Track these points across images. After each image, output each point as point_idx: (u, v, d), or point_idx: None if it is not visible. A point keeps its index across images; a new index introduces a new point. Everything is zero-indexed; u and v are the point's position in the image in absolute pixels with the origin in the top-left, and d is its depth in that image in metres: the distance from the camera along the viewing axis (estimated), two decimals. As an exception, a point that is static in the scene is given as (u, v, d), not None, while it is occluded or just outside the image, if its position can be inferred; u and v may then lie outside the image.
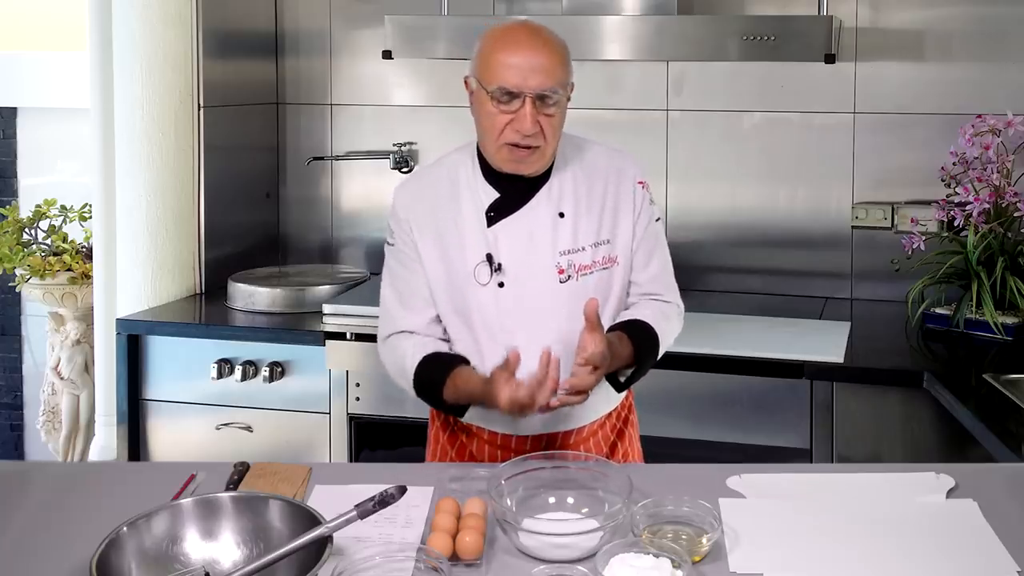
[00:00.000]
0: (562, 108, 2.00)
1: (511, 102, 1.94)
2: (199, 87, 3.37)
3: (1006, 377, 2.56)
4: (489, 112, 1.97)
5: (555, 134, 2.00)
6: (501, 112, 1.96)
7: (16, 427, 4.30)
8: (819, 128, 3.38)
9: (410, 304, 2.08)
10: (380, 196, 3.60)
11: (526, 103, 1.94)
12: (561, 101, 1.98)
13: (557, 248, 2.04)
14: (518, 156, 1.99)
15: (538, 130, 1.96)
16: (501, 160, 2.01)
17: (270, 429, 3.09)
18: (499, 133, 1.97)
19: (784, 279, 3.42)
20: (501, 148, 1.99)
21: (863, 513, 1.75)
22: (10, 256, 3.78)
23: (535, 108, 1.94)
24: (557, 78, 1.96)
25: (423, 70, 3.62)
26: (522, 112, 1.94)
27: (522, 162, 2.00)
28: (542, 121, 1.96)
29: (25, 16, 4.21)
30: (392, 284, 2.12)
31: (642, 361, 2.05)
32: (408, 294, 2.09)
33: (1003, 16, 3.23)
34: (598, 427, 2.15)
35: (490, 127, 1.98)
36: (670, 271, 2.18)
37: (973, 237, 2.97)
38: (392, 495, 1.55)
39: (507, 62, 1.94)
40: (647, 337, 2.05)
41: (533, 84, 1.93)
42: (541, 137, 1.97)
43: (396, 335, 2.09)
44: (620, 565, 1.52)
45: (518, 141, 1.96)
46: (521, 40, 1.97)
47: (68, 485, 1.92)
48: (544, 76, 1.94)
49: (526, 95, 1.93)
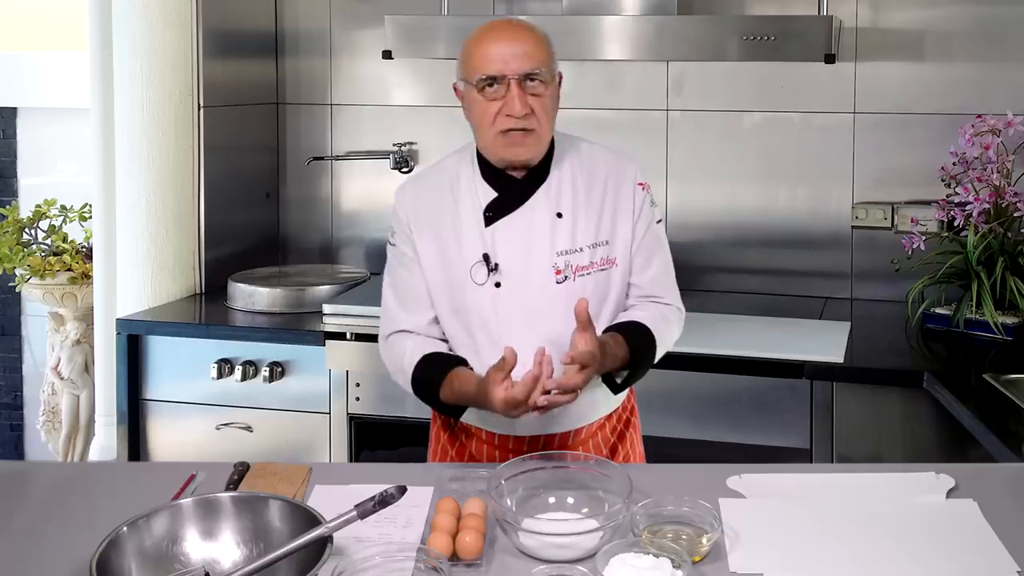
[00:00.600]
0: (551, 91, 2.01)
1: (497, 88, 1.97)
2: (199, 87, 3.37)
3: (1006, 377, 2.56)
4: (479, 105, 1.99)
5: (548, 116, 2.01)
6: (489, 100, 1.98)
7: (16, 427, 4.30)
8: (819, 128, 3.38)
9: (409, 305, 2.09)
10: (380, 196, 3.61)
11: (512, 86, 1.96)
12: (548, 82, 1.99)
13: (554, 248, 2.04)
14: (514, 140, 2.00)
15: (529, 111, 1.97)
16: (499, 147, 2.01)
17: (270, 429, 3.09)
18: (492, 122, 1.98)
19: (784, 279, 3.42)
20: (496, 137, 2.00)
21: (863, 513, 1.75)
22: (10, 256, 3.78)
23: (522, 89, 1.96)
24: (539, 59, 1.98)
25: (423, 70, 3.62)
26: (510, 95, 1.96)
27: (519, 145, 2.00)
28: (532, 102, 1.97)
29: (25, 16, 4.21)
30: (392, 284, 2.12)
31: (638, 363, 2.04)
32: (407, 295, 2.09)
33: (1003, 16, 3.23)
34: (597, 429, 2.15)
35: (482, 119, 2.00)
36: (671, 273, 2.18)
37: (973, 237, 2.97)
38: (392, 495, 1.55)
39: (486, 53, 1.98)
40: (644, 339, 2.04)
41: (515, 66, 1.96)
42: (534, 119, 1.98)
43: (396, 334, 2.09)
44: (620, 565, 1.52)
45: (511, 125, 1.98)
46: (497, 30, 2.01)
47: (68, 485, 1.92)
48: (525, 58, 1.97)
49: (510, 78, 1.96)
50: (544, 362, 1.85)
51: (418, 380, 2.04)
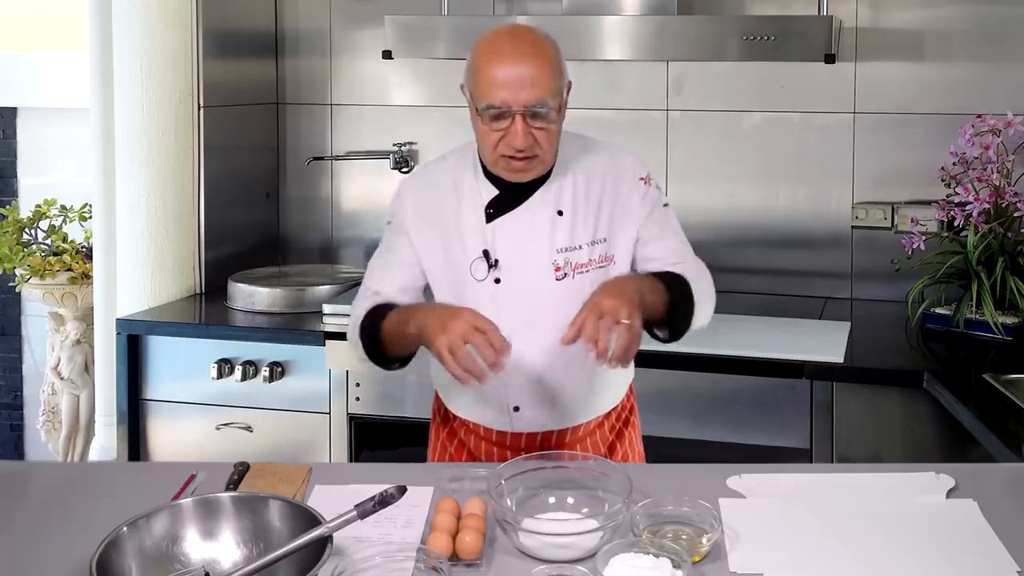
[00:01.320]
0: (557, 116, 1.98)
1: (501, 119, 1.93)
2: (199, 87, 3.37)
3: (1006, 377, 2.56)
4: (482, 127, 1.97)
5: (551, 141, 1.99)
6: (493, 130, 1.95)
7: (16, 427, 4.30)
8: (819, 128, 3.38)
9: (377, 275, 2.11)
10: (380, 196, 3.60)
11: (516, 120, 1.92)
12: (553, 113, 1.95)
13: (554, 246, 2.04)
14: (515, 167, 1.99)
15: (532, 142, 1.94)
16: (499, 169, 2.02)
17: (270, 429, 3.09)
18: (493, 147, 1.97)
19: (784, 279, 3.42)
20: (497, 160, 1.99)
21: (863, 513, 1.75)
22: (10, 256, 3.78)
23: (526, 124, 1.92)
24: (547, 88, 1.92)
25: (423, 70, 3.62)
26: (513, 128, 1.92)
27: (520, 171, 2.00)
28: (535, 133, 1.94)
29: (25, 16, 4.21)
30: (379, 253, 2.15)
31: (677, 304, 2.00)
32: (391, 261, 2.11)
33: (1003, 16, 3.22)
34: (596, 427, 2.15)
35: (484, 141, 1.99)
36: (688, 245, 2.14)
37: (973, 237, 2.97)
38: (392, 495, 1.55)
39: (493, 78, 1.91)
40: (678, 282, 2.01)
41: (522, 99, 1.90)
42: (536, 147, 1.96)
43: (366, 294, 2.11)
44: (620, 565, 1.52)
45: (513, 155, 1.96)
46: (506, 52, 1.93)
47: (68, 485, 1.92)
48: (532, 89, 1.90)
49: (515, 112, 1.91)
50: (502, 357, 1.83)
51: (365, 323, 2.04)
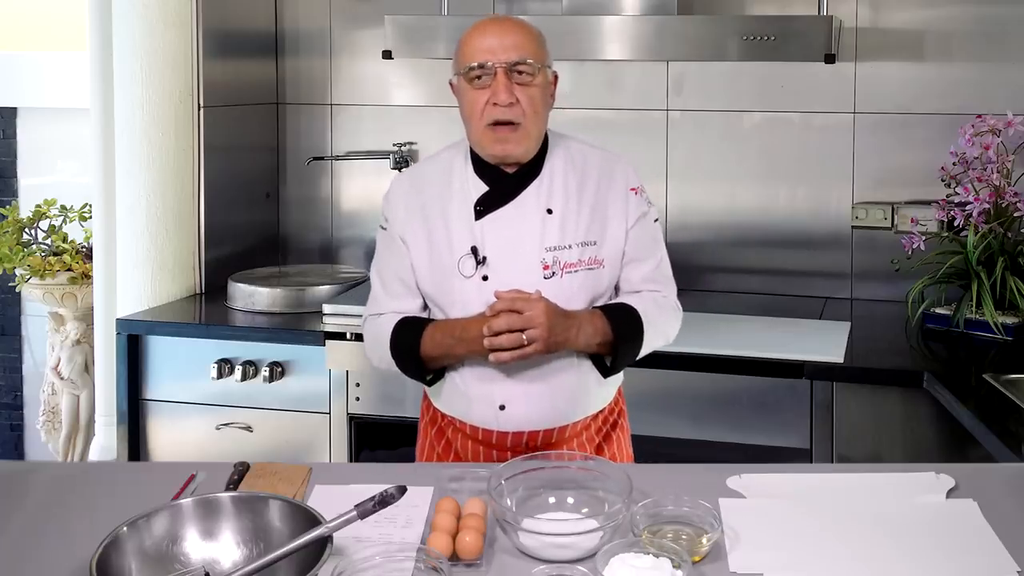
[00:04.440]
0: (540, 83, 2.03)
1: (484, 77, 2.00)
2: (199, 87, 3.37)
3: (1006, 377, 2.56)
4: (468, 95, 2.02)
5: (536, 111, 2.02)
6: (477, 90, 2.01)
7: (16, 427, 4.30)
8: (819, 128, 3.38)
9: (392, 289, 2.14)
10: (380, 196, 3.53)
11: (498, 74, 1.99)
12: (536, 74, 2.01)
13: (543, 244, 2.05)
14: (501, 135, 2.02)
15: (514, 101, 1.99)
16: (486, 143, 2.03)
17: (270, 429, 3.09)
18: (480, 114, 2.01)
19: (784, 279, 3.42)
20: (484, 130, 2.02)
21: (863, 513, 1.75)
22: (10, 256, 3.78)
23: (508, 79, 1.99)
24: (527, 50, 2.01)
25: (423, 70, 3.62)
26: (496, 83, 1.99)
27: (506, 141, 2.02)
28: (519, 93, 2.00)
29: (25, 16, 4.21)
30: (378, 270, 2.18)
31: (623, 339, 2.05)
32: (391, 279, 2.14)
33: (1003, 16, 3.23)
34: (583, 428, 2.14)
35: (471, 110, 2.03)
36: (667, 270, 2.18)
37: (973, 237, 2.97)
38: (392, 495, 1.55)
39: (477, 44, 2.02)
40: (627, 316, 2.05)
41: (502, 56, 2.00)
42: (520, 112, 2.00)
43: (376, 315, 2.15)
44: (620, 565, 1.52)
45: (498, 117, 2.00)
46: (490, 24, 2.07)
47: (68, 485, 1.92)
48: (512, 49, 2.01)
49: (497, 67, 1.99)
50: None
51: (398, 340, 2.07)
